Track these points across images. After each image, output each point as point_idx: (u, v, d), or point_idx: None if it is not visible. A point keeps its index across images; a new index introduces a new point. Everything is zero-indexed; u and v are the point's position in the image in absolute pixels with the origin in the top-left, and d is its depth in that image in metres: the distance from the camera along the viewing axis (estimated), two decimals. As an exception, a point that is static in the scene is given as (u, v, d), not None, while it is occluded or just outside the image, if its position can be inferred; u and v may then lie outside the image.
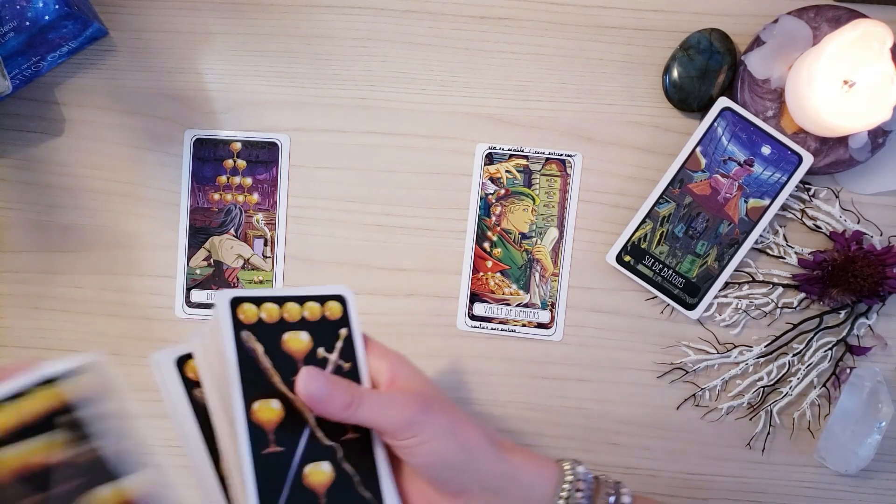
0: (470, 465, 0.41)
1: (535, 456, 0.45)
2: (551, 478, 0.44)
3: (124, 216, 0.63)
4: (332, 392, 0.40)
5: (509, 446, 0.44)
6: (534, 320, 0.62)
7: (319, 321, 0.44)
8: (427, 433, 0.40)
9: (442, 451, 0.41)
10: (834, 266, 0.59)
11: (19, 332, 0.63)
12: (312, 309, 0.44)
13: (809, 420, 0.61)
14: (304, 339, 0.44)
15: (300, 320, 0.44)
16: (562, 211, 0.62)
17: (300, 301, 0.44)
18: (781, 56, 0.59)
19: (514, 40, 0.62)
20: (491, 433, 0.44)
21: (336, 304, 0.45)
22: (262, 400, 0.41)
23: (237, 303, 0.43)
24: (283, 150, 0.63)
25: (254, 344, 0.42)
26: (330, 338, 0.44)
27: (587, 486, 0.44)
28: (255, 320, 0.43)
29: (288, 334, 0.43)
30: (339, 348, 0.44)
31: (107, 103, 0.63)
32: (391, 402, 0.41)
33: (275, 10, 0.63)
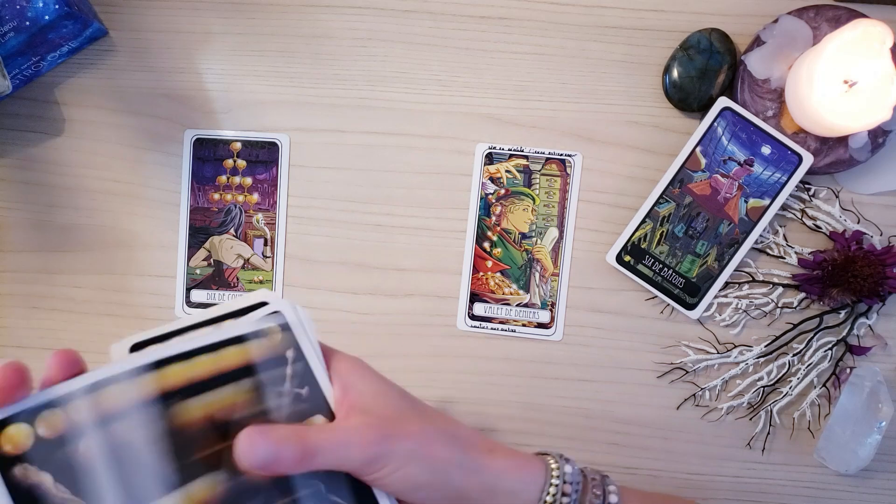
0: (443, 483, 0.39)
1: (520, 458, 0.42)
2: (535, 481, 0.41)
3: (124, 216, 0.63)
4: (278, 453, 0.35)
5: (491, 449, 0.42)
6: (534, 320, 0.62)
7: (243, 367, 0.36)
8: (392, 464, 0.37)
9: (412, 475, 0.38)
10: (834, 266, 0.59)
11: (19, 332, 0.63)
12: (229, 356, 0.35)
13: (809, 420, 0.61)
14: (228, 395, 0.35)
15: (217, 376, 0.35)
16: (562, 211, 0.62)
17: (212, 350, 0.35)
18: (781, 56, 0.59)
19: (514, 40, 0.62)
20: (468, 438, 0.41)
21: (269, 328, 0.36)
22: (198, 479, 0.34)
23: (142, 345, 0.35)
24: (283, 150, 0.63)
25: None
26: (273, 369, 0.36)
27: (573, 488, 0.42)
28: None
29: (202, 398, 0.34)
30: (288, 375, 0.36)
31: (107, 103, 0.63)
32: (348, 443, 0.36)
33: (275, 10, 0.63)
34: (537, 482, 0.41)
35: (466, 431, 0.42)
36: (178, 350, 0.35)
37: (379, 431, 0.37)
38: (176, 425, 0.34)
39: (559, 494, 0.41)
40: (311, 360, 0.37)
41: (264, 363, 0.36)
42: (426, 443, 0.39)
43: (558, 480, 0.41)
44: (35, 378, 0.33)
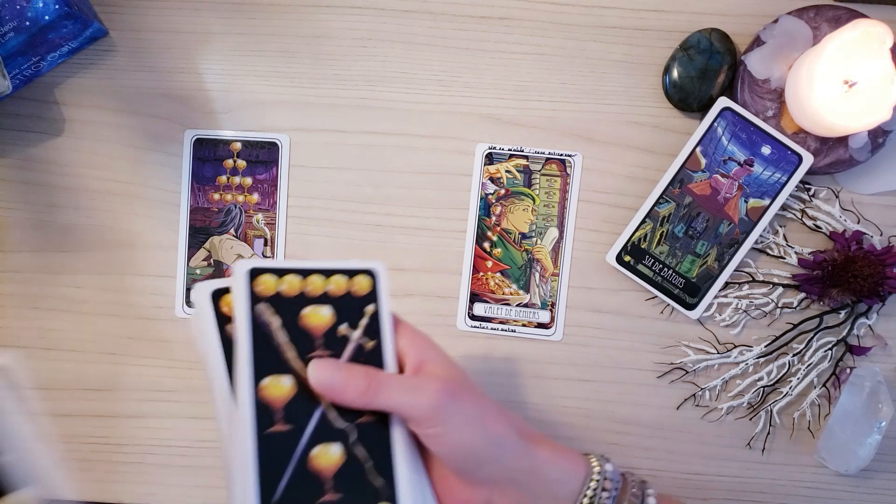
0: (496, 456, 0.40)
1: (564, 450, 0.44)
2: (578, 474, 0.43)
3: (124, 216, 0.63)
4: (347, 380, 0.39)
5: (538, 438, 0.43)
6: (534, 320, 0.62)
7: (344, 296, 0.42)
8: (454, 422, 0.39)
9: (468, 440, 0.39)
10: (834, 266, 0.59)
11: (19, 332, 0.63)
12: (338, 283, 0.42)
13: (809, 420, 0.61)
14: (326, 314, 0.42)
15: (323, 294, 0.42)
16: (562, 211, 0.62)
17: (326, 274, 0.42)
18: (781, 56, 0.59)
19: (515, 40, 0.62)
20: (520, 424, 0.43)
21: (365, 278, 0.43)
22: (272, 376, 0.40)
23: (256, 273, 0.41)
24: (283, 150, 0.63)
25: (269, 318, 0.41)
26: (354, 314, 0.42)
27: (614, 485, 0.43)
28: (273, 293, 0.41)
29: (308, 308, 0.41)
30: (363, 325, 0.42)
31: (107, 103, 0.63)
32: (416, 388, 0.39)
33: (275, 10, 0.63)
34: (579, 476, 0.43)
35: (518, 419, 0.43)
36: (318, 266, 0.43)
37: (447, 388, 0.39)
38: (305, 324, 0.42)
39: (599, 489, 0.42)
40: (384, 320, 0.43)
41: (363, 296, 0.43)
42: (489, 413, 0.41)
43: (599, 476, 0.43)
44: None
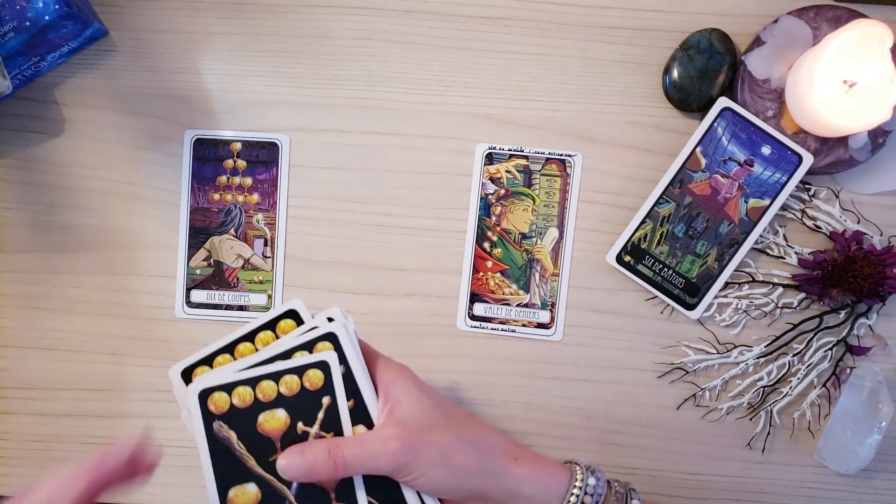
0: (465, 486, 0.43)
1: (544, 466, 0.45)
2: (558, 490, 0.44)
3: (124, 216, 0.63)
4: (314, 466, 0.42)
5: (516, 457, 0.45)
6: (534, 320, 0.62)
7: (298, 394, 0.44)
8: (417, 471, 0.42)
9: (435, 481, 0.43)
10: (834, 266, 0.59)
11: (19, 332, 0.63)
12: (290, 383, 0.44)
13: (809, 420, 0.61)
14: (281, 416, 0.43)
15: (276, 398, 0.43)
16: (562, 211, 0.62)
17: (276, 378, 0.43)
18: (781, 56, 0.59)
19: (514, 40, 0.62)
20: (493, 446, 0.45)
21: (316, 373, 0.44)
22: (237, 486, 0.43)
23: (207, 394, 0.43)
24: (283, 150, 0.62)
25: (227, 433, 0.43)
26: (310, 409, 0.44)
27: (594, 500, 0.44)
28: (227, 408, 0.43)
29: (263, 415, 0.43)
30: (320, 419, 0.44)
31: (107, 103, 0.63)
32: (376, 454, 0.42)
33: (275, 10, 0.63)
34: (558, 491, 0.44)
35: (493, 439, 0.46)
36: (267, 371, 0.44)
37: (406, 444, 0.42)
38: (262, 431, 0.43)
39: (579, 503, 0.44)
40: (358, 377, 0.44)
41: (317, 390, 0.44)
42: (447, 452, 0.43)
43: (579, 491, 0.44)
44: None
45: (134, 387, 0.63)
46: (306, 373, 0.43)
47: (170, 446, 0.62)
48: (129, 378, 0.63)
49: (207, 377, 0.43)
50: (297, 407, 0.43)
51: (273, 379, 0.43)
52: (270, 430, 0.43)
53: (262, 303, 0.62)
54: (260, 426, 0.43)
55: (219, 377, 0.43)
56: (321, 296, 0.62)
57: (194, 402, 0.43)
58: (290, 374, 0.43)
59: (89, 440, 0.63)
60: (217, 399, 0.43)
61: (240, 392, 0.43)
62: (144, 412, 0.63)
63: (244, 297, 0.62)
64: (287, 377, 0.43)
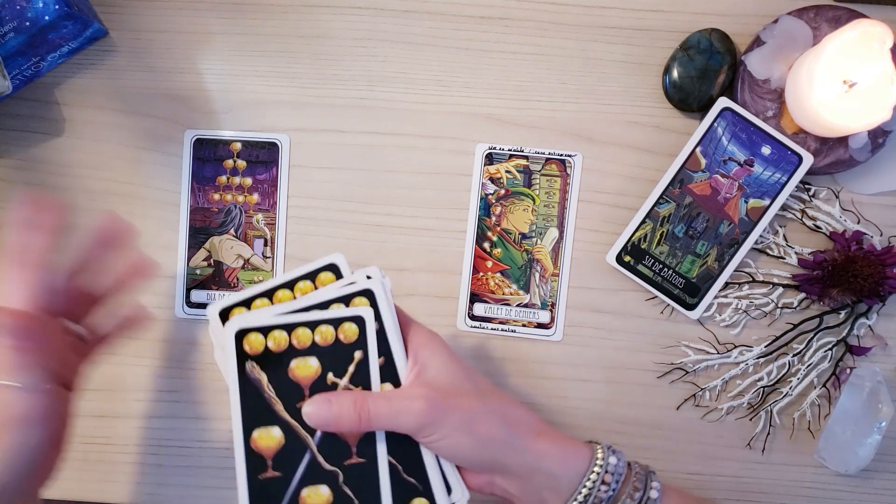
0: (486, 456, 0.44)
1: (567, 444, 0.46)
2: (578, 467, 0.44)
3: (124, 216, 0.63)
4: (339, 413, 0.42)
5: (540, 432, 0.45)
6: (534, 320, 0.62)
7: (332, 346, 0.44)
8: (441, 431, 0.43)
9: (457, 445, 0.43)
10: (834, 266, 0.59)
11: (19, 332, 0.63)
12: (325, 333, 0.44)
13: (809, 420, 0.61)
14: (313, 364, 0.44)
15: (310, 346, 0.44)
16: (562, 211, 0.62)
17: (312, 326, 0.44)
18: (781, 56, 0.59)
19: (514, 40, 0.62)
20: (520, 420, 0.45)
21: (352, 326, 0.44)
22: (262, 427, 0.43)
23: (243, 334, 0.43)
24: (283, 150, 0.63)
25: (258, 374, 0.43)
26: (342, 362, 0.44)
27: (615, 478, 0.44)
28: (262, 350, 0.43)
29: (296, 361, 0.44)
30: (350, 372, 0.44)
31: (107, 103, 0.63)
32: (401, 411, 0.43)
33: (275, 10, 0.63)
34: (579, 469, 0.45)
35: (520, 413, 0.46)
36: (305, 319, 0.44)
37: (431, 404, 0.43)
38: (292, 377, 0.44)
39: (599, 482, 0.44)
40: (391, 336, 0.45)
41: (351, 343, 0.44)
42: (474, 418, 0.43)
43: (600, 469, 0.44)
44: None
45: (134, 387, 0.63)
46: (342, 325, 0.44)
47: (170, 446, 0.62)
48: (129, 378, 0.63)
49: (246, 317, 0.44)
50: (329, 357, 0.44)
51: (309, 327, 0.44)
52: (301, 377, 0.44)
53: (262, 303, 0.62)
54: (291, 372, 0.43)
55: (257, 319, 0.44)
56: (321, 296, 0.62)
57: (230, 340, 0.43)
58: (326, 325, 0.44)
59: (89, 440, 0.63)
60: (253, 340, 0.43)
61: (275, 336, 0.43)
62: (144, 412, 0.63)
63: (244, 297, 0.62)
64: (323, 327, 0.44)
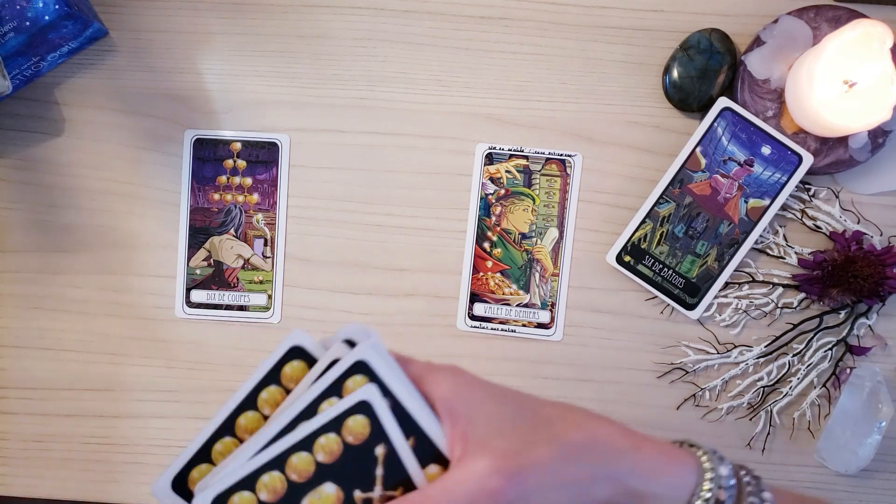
0: (585, 498, 0.36)
1: (667, 455, 0.38)
2: (685, 483, 0.37)
3: (124, 216, 0.63)
4: None
5: (634, 446, 0.37)
6: (534, 320, 0.61)
7: (343, 456, 0.34)
8: (529, 500, 0.34)
9: (551, 499, 0.35)
10: (834, 266, 0.59)
11: (19, 332, 0.63)
12: (328, 447, 0.34)
13: (809, 420, 0.61)
14: (331, 492, 0.34)
15: (316, 471, 0.34)
16: (562, 211, 0.62)
17: (307, 446, 0.33)
18: (781, 56, 0.59)
19: (514, 40, 0.62)
20: (606, 440, 0.37)
21: (357, 419, 0.34)
22: None
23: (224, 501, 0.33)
24: (283, 150, 0.62)
25: None
26: (365, 469, 0.34)
27: (728, 494, 0.37)
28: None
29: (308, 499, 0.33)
30: (380, 477, 0.34)
31: (107, 103, 0.63)
32: (471, 497, 0.33)
33: (275, 10, 0.63)
34: (687, 484, 0.37)
35: (603, 430, 0.37)
36: (294, 441, 0.34)
37: (506, 475, 0.33)
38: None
39: (712, 501, 0.37)
40: (409, 405, 0.34)
41: (365, 441, 0.34)
42: (558, 468, 0.35)
43: (712, 485, 0.37)
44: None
45: (134, 387, 0.63)
46: (345, 424, 0.34)
47: (169, 446, 0.62)
48: (129, 378, 0.63)
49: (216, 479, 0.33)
50: (346, 473, 0.34)
51: (305, 449, 0.34)
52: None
53: (262, 303, 0.62)
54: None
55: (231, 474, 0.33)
56: (321, 296, 0.62)
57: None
58: (326, 435, 0.34)
59: (89, 440, 0.63)
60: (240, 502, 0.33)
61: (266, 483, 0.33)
62: (144, 412, 0.63)
63: (244, 297, 0.62)
64: (322, 440, 0.34)
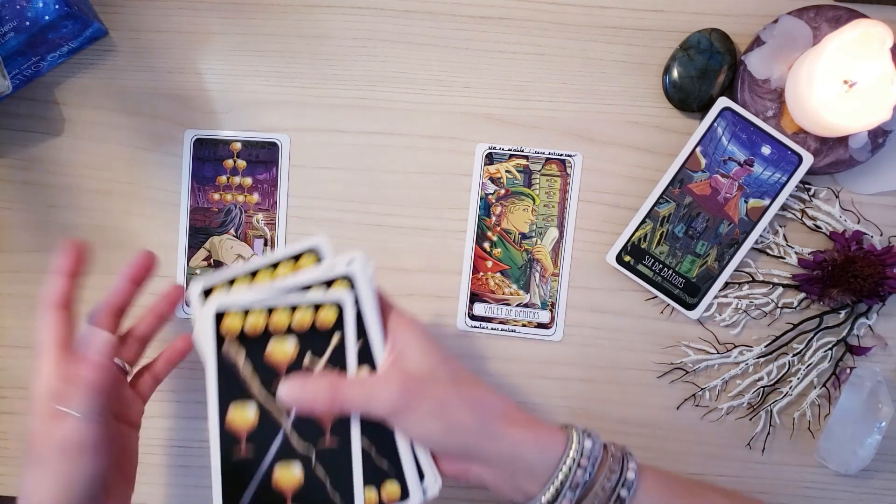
0: (457, 442, 0.44)
1: (541, 430, 0.45)
2: (554, 452, 0.44)
3: (124, 216, 0.63)
4: (314, 395, 0.43)
5: (514, 420, 0.45)
6: (534, 320, 0.62)
7: (309, 330, 0.44)
8: (413, 417, 0.43)
9: (428, 432, 0.44)
10: (834, 266, 0.59)
11: (19, 332, 0.63)
12: (303, 316, 0.44)
13: (809, 420, 0.61)
14: (290, 347, 0.44)
15: (287, 329, 0.44)
16: (562, 211, 0.62)
17: (290, 309, 0.44)
18: (781, 56, 0.59)
19: (514, 40, 0.62)
20: (493, 407, 0.45)
21: (330, 310, 0.44)
22: (237, 407, 0.44)
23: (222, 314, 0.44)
24: (283, 150, 0.63)
25: (235, 355, 0.44)
26: (319, 345, 0.44)
27: (591, 462, 0.44)
28: (239, 331, 0.44)
29: (273, 343, 0.44)
30: (327, 356, 0.44)
31: (107, 103, 0.63)
32: (373, 396, 0.43)
33: (275, 10, 0.63)
34: (555, 454, 0.44)
35: (494, 401, 0.46)
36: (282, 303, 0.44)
37: (404, 389, 0.43)
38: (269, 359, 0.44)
39: (575, 466, 0.44)
40: (369, 320, 0.45)
41: (329, 327, 0.44)
42: (446, 406, 0.43)
43: (576, 454, 0.44)
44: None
45: (134, 387, 0.63)
46: (321, 309, 0.44)
47: (170, 446, 0.62)
48: (129, 378, 0.63)
49: (225, 298, 0.44)
50: (307, 340, 0.44)
51: (288, 310, 0.44)
52: (278, 358, 0.44)
53: (262, 303, 0.62)
54: (268, 354, 0.44)
55: (236, 300, 0.44)
56: (321, 296, 0.62)
57: (209, 321, 0.43)
58: (305, 308, 0.44)
59: (89, 440, 0.63)
60: (231, 321, 0.44)
61: (253, 318, 0.44)
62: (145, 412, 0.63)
63: (244, 297, 0.62)
64: (301, 310, 0.44)
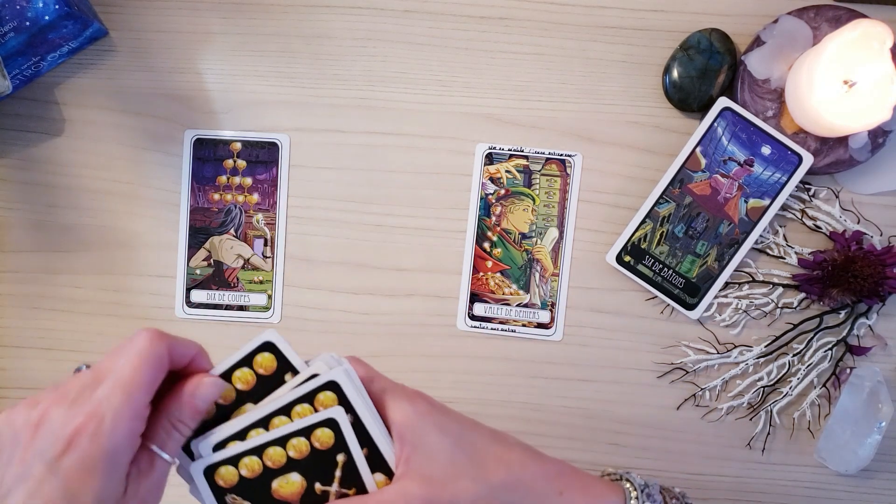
0: None
1: (595, 494, 0.40)
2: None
3: (124, 216, 0.63)
4: None
5: (562, 488, 0.40)
6: (534, 320, 0.62)
7: (309, 455, 0.41)
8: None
9: None
10: (834, 266, 0.59)
11: (19, 332, 0.63)
12: (298, 446, 0.41)
13: (809, 420, 0.61)
14: (296, 479, 0.41)
15: (287, 462, 0.41)
16: (562, 211, 0.62)
17: (282, 443, 0.41)
18: (781, 56, 0.59)
19: (515, 40, 0.62)
20: (532, 485, 0.40)
21: (325, 431, 0.41)
22: None
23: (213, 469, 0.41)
24: (283, 150, 0.63)
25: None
26: (326, 468, 0.41)
27: None
28: (237, 480, 0.41)
29: (277, 482, 0.41)
30: (338, 477, 0.41)
31: (107, 103, 0.63)
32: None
33: (275, 10, 0.63)
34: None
35: (530, 473, 0.40)
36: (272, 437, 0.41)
37: (428, 499, 0.38)
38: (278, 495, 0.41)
39: None
40: (369, 425, 0.41)
41: (329, 448, 0.41)
42: (493, 497, 0.38)
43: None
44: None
45: (134, 387, 0.63)
46: (314, 433, 0.41)
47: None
48: (129, 378, 0.63)
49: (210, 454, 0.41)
50: (311, 468, 0.41)
51: (279, 444, 0.41)
52: (287, 494, 0.41)
53: (262, 303, 0.62)
54: (276, 492, 0.41)
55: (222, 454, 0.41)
56: (321, 296, 0.62)
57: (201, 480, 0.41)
58: (297, 437, 0.41)
59: (89, 440, 0.63)
60: (224, 473, 0.41)
61: (246, 463, 0.41)
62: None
63: (244, 297, 0.62)
64: (294, 440, 0.41)
